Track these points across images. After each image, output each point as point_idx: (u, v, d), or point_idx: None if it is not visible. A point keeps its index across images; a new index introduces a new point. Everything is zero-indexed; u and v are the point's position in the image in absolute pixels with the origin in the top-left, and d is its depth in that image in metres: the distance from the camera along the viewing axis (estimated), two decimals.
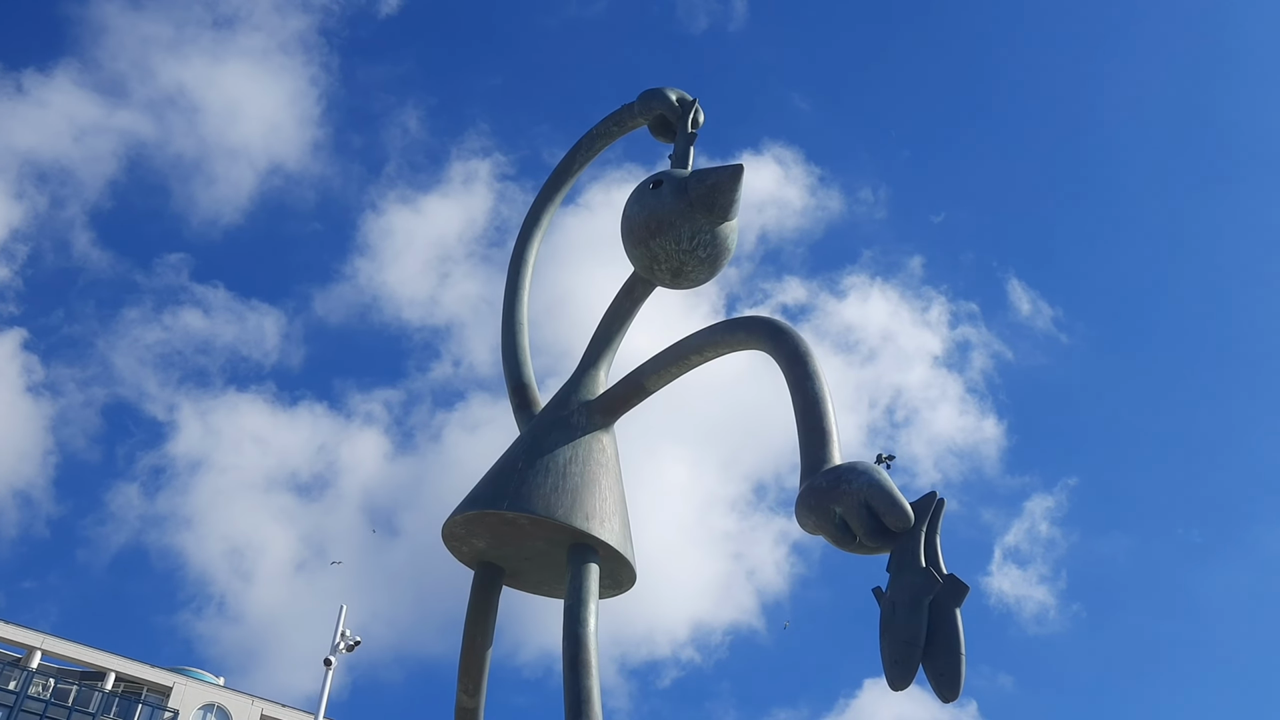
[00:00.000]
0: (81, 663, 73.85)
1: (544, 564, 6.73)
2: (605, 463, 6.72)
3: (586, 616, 6.02)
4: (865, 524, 4.81)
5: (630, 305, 7.41)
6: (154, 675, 75.02)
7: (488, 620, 6.75)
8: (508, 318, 8.13)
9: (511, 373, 7.79)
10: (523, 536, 6.56)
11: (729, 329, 6.59)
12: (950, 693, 4.47)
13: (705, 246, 6.77)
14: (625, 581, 6.80)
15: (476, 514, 6.56)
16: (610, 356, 7.33)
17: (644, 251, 6.85)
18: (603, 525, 6.41)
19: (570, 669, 5.79)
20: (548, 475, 6.48)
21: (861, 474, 4.89)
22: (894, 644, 4.63)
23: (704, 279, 7.01)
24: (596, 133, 8.59)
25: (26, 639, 72.54)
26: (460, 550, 6.81)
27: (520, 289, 8.27)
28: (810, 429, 5.52)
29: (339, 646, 32.28)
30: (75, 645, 74.32)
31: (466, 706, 6.70)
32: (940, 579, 4.66)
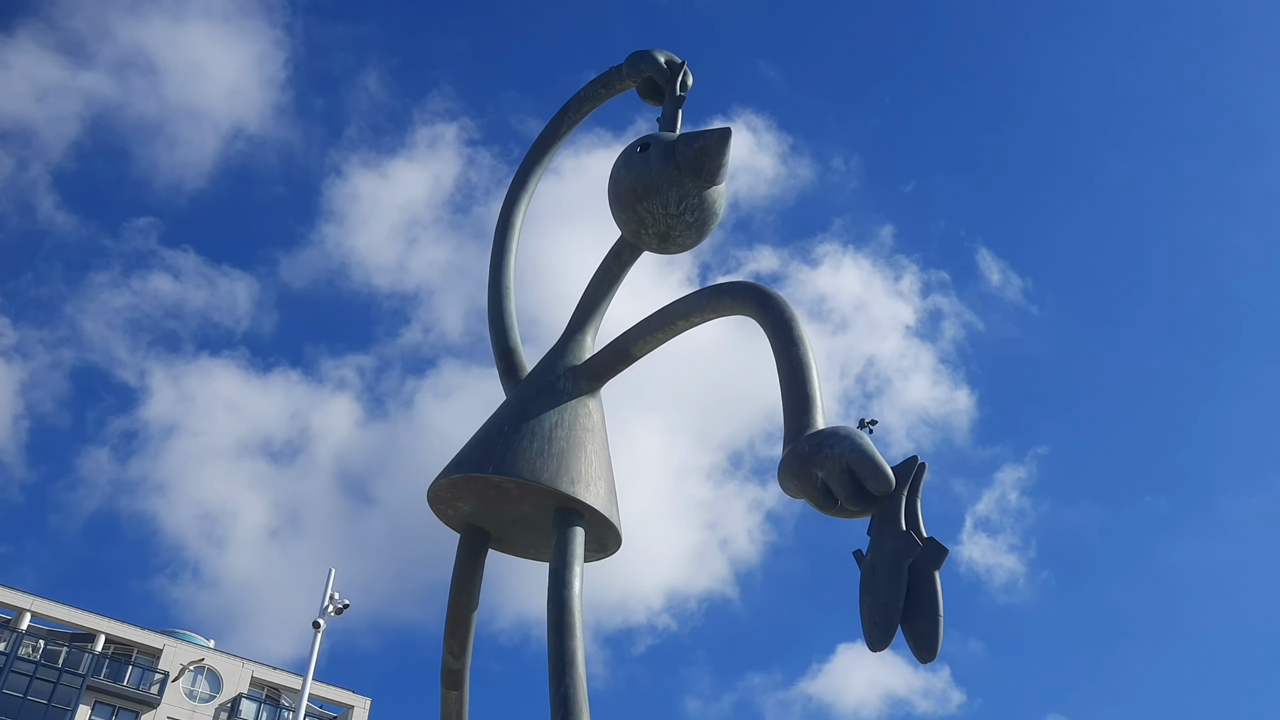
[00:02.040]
0: (71, 625, 74.08)
1: (530, 528, 6.77)
2: (591, 428, 6.74)
3: (571, 579, 6.06)
4: (847, 488, 4.84)
5: (617, 270, 7.40)
6: (143, 637, 75.34)
7: (473, 584, 6.79)
8: (494, 283, 8.10)
9: (498, 338, 7.78)
10: (508, 500, 6.59)
11: (715, 294, 6.59)
12: (928, 654, 4.53)
13: (693, 211, 6.74)
14: (610, 545, 6.84)
15: (462, 478, 6.58)
16: (597, 322, 7.33)
17: (631, 215, 6.83)
18: (588, 489, 6.44)
19: (554, 631, 5.84)
20: (533, 440, 6.50)
21: (844, 439, 4.93)
22: (873, 606, 4.69)
23: (691, 243, 6.99)
24: (584, 95, 8.51)
25: (15, 600, 72.72)
26: (446, 514, 6.84)
27: (506, 254, 8.24)
28: (794, 394, 5.54)
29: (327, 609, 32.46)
30: (64, 607, 74.52)
31: (452, 668, 6.75)
32: (920, 542, 4.71)
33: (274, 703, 76.58)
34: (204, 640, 79.81)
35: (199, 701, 73.86)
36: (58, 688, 69.18)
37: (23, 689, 68.21)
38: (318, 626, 32.31)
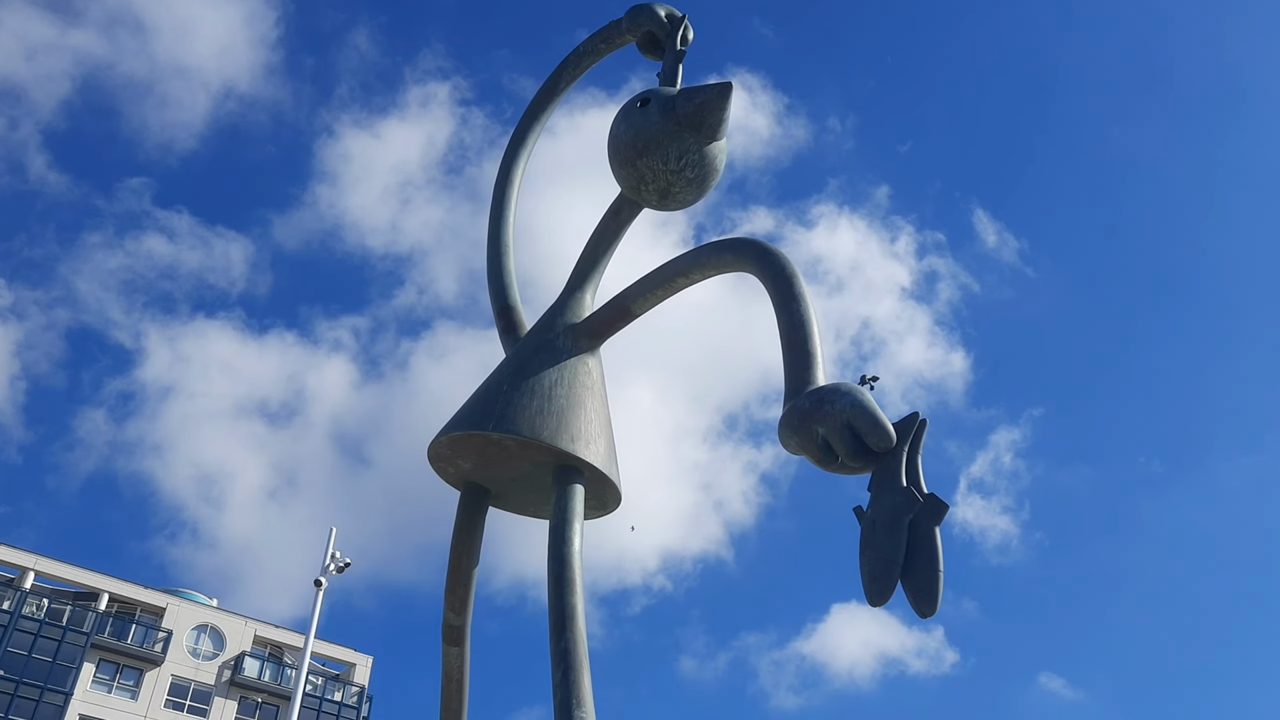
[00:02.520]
0: (74, 584, 74.62)
1: (530, 485, 6.78)
2: (591, 385, 6.72)
3: (571, 536, 6.08)
4: (848, 444, 4.84)
5: (617, 227, 7.35)
6: (147, 596, 75.92)
7: (473, 541, 6.81)
8: (493, 240, 8.06)
9: (497, 295, 7.75)
10: (508, 458, 6.59)
11: (715, 251, 6.55)
12: (928, 608, 4.55)
13: (693, 167, 6.68)
14: (611, 503, 6.85)
15: (462, 435, 6.58)
16: (597, 280, 7.29)
17: (631, 172, 6.77)
18: (588, 447, 6.44)
19: (555, 587, 5.86)
20: (533, 397, 6.49)
21: (844, 395, 4.91)
22: (873, 561, 4.70)
23: (692, 199, 6.93)
24: (583, 50, 8.41)
25: (19, 560, 73.18)
26: (446, 471, 6.85)
27: (505, 211, 8.19)
28: (795, 351, 5.52)
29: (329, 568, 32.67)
30: (68, 566, 75.04)
31: (453, 624, 6.79)
32: (920, 498, 4.71)
33: (277, 660, 77.35)
34: (207, 599, 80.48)
35: (203, 659, 74.60)
36: (62, 646, 69.84)
37: (27, 647, 68.86)
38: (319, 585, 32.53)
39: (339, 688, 78.15)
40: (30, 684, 67.63)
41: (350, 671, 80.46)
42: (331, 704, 76.68)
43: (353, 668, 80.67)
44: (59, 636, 70.17)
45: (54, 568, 74.44)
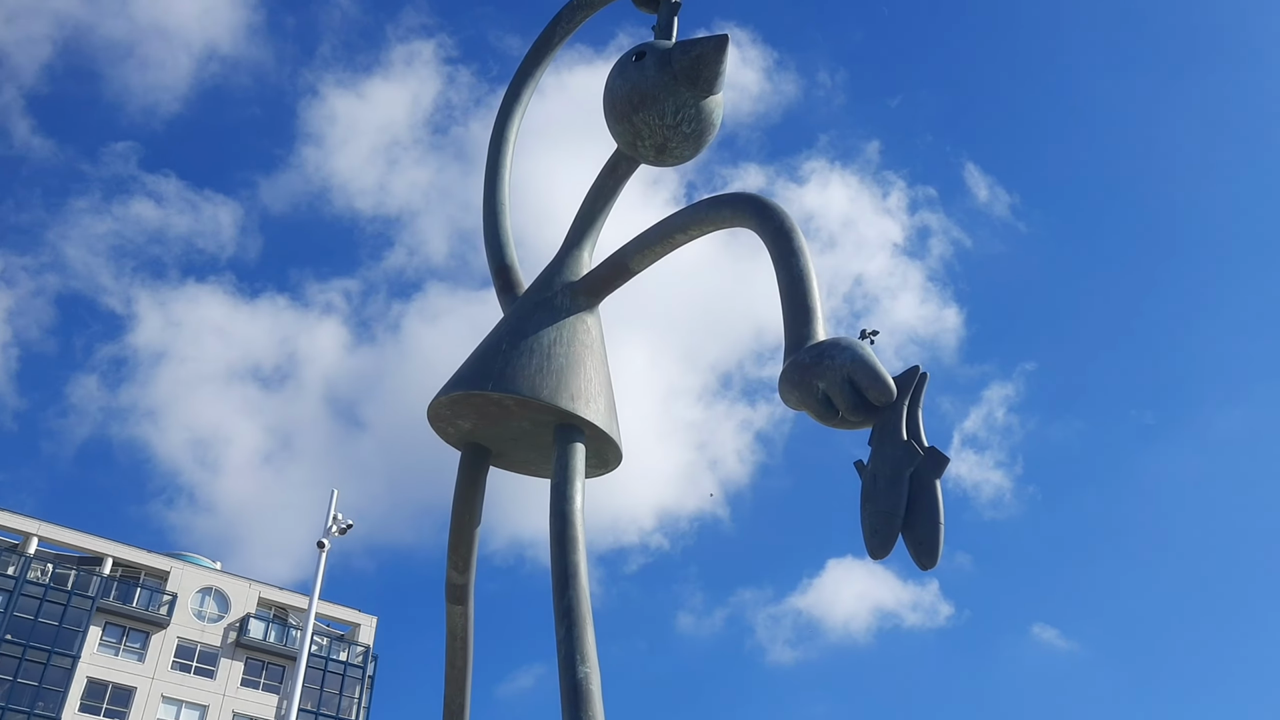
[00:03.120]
0: (78, 548, 75.06)
1: (530, 444, 6.79)
2: (590, 344, 6.71)
3: (573, 494, 6.09)
4: (848, 399, 4.83)
5: (614, 183, 7.29)
6: (151, 560, 76.41)
7: (475, 500, 6.83)
8: (489, 199, 8.00)
9: (494, 255, 7.71)
10: (508, 417, 6.60)
11: (713, 206, 6.50)
12: (929, 560, 4.57)
13: (690, 121, 6.62)
14: (611, 461, 6.87)
15: (462, 395, 6.58)
16: (594, 237, 7.25)
17: (627, 127, 6.70)
18: (588, 405, 6.44)
19: (557, 545, 5.89)
20: (532, 356, 6.48)
21: (845, 349, 4.90)
22: (874, 515, 4.71)
23: (689, 155, 6.87)
24: (576, 3, 8.30)
25: (22, 525, 73.57)
26: (446, 431, 6.85)
27: (501, 169, 8.12)
28: (794, 305, 5.50)
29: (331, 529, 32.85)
30: (71, 531, 75.45)
31: (457, 583, 6.83)
32: (921, 451, 4.72)
33: (281, 622, 78.03)
34: (210, 562, 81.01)
35: (208, 622, 75.25)
36: (68, 610, 70.41)
37: (33, 612, 69.41)
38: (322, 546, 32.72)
39: (344, 648, 78.91)
40: (38, 648, 68.26)
41: (355, 632, 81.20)
42: (337, 664, 77.48)
43: (357, 628, 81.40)
44: (64, 601, 70.71)
45: (57, 533, 74.83)
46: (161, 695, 71.13)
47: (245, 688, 74.29)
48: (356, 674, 78.28)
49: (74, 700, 68.02)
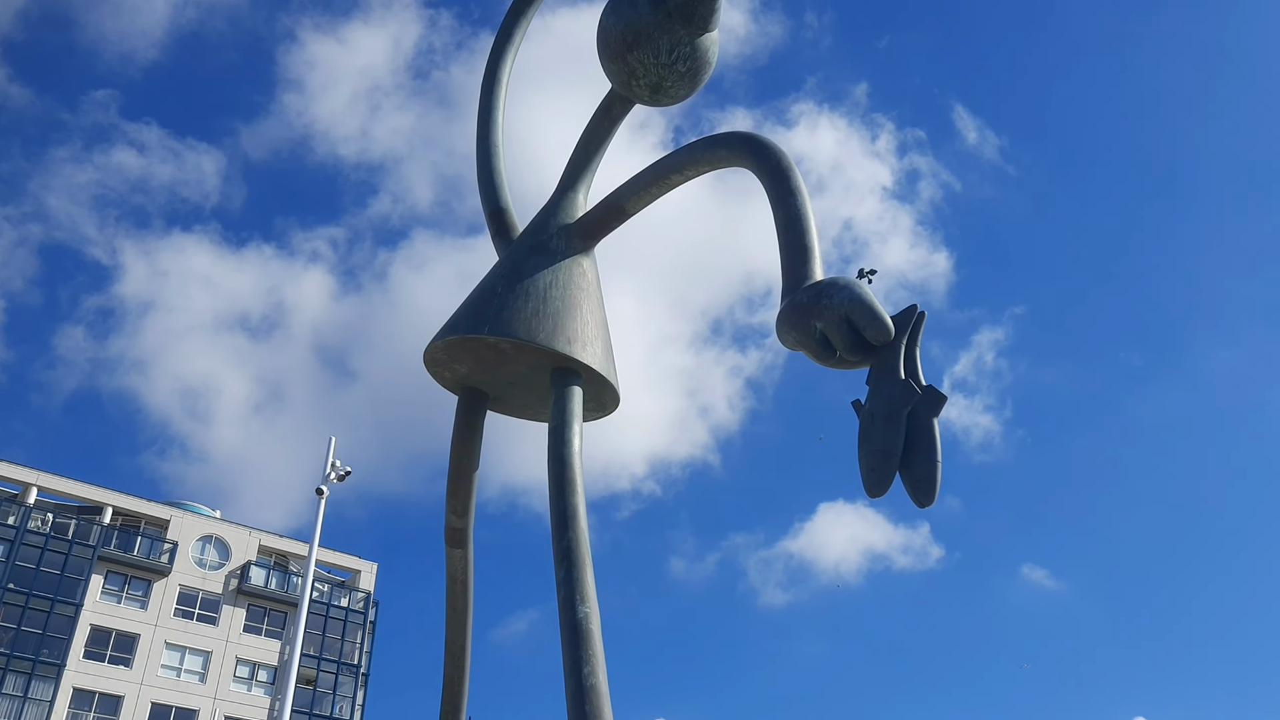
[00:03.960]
0: (77, 498, 75.39)
1: (527, 388, 6.78)
2: (586, 287, 6.68)
3: (571, 438, 6.10)
4: (846, 338, 4.82)
5: (609, 124, 7.21)
6: (151, 509, 76.80)
7: (473, 444, 6.84)
8: (482, 141, 7.91)
9: (488, 198, 7.64)
10: (505, 362, 6.58)
11: (709, 146, 6.44)
12: (926, 499, 4.58)
13: (685, 60, 6.52)
14: (609, 404, 6.87)
15: (458, 340, 6.55)
16: (589, 179, 7.18)
17: (621, 66, 6.61)
18: (585, 349, 6.42)
19: (556, 488, 5.90)
20: (528, 300, 6.45)
21: (843, 289, 4.88)
22: (872, 454, 4.72)
23: (684, 94, 6.78)
24: None
25: (21, 475, 73.82)
26: (443, 376, 6.84)
27: (494, 110, 8.02)
28: (792, 246, 5.47)
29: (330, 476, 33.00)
30: (70, 481, 75.74)
31: (456, 527, 6.86)
32: (919, 390, 4.71)
33: (282, 569, 78.71)
34: (210, 511, 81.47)
35: (209, 570, 75.88)
36: (69, 559, 70.94)
37: (35, 561, 69.92)
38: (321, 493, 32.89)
39: (345, 594, 79.69)
40: (41, 596, 68.89)
41: (356, 578, 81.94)
42: (339, 609, 78.30)
43: (358, 574, 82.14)
44: (66, 550, 71.19)
45: (56, 483, 75.13)
46: (165, 642, 71.96)
47: (248, 634, 75.14)
48: (358, 619, 79.13)
49: (78, 647, 68.80)
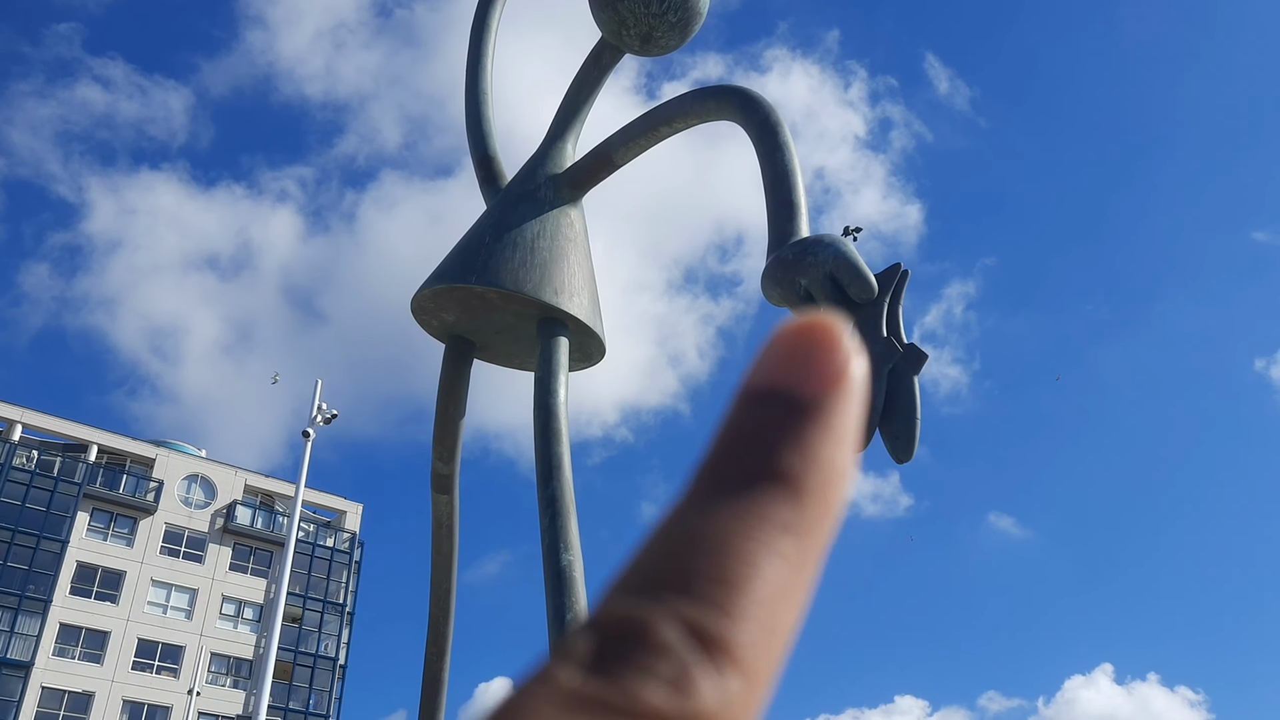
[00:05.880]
0: (63, 435, 75.32)
1: (514, 337, 6.82)
2: (573, 237, 6.69)
3: (557, 388, 6.15)
4: (830, 295, 4.87)
5: (599, 74, 7.17)
6: (136, 448, 76.82)
7: (459, 392, 6.89)
8: (471, 87, 7.86)
9: (477, 145, 7.61)
10: (491, 311, 6.61)
11: (698, 99, 6.43)
12: (905, 454, 4.66)
13: (676, 10, 6.49)
14: (595, 354, 6.92)
15: (445, 288, 6.58)
16: (578, 128, 7.16)
17: (611, 15, 6.56)
18: (571, 299, 6.46)
19: (542, 437, 5.97)
20: (515, 249, 6.46)
21: (827, 246, 4.92)
22: None
23: (675, 44, 6.75)
24: None
25: (6, 413, 73.64)
26: (430, 324, 6.87)
27: (482, 57, 7.96)
28: (778, 202, 5.49)
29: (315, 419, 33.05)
30: (55, 419, 75.59)
31: (442, 473, 6.93)
32: (900, 348, 4.77)
33: (269, 509, 79.07)
34: (196, 450, 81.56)
35: (195, 508, 76.16)
36: (55, 496, 71.07)
37: (20, 498, 70.04)
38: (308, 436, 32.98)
39: (330, 534, 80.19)
40: (26, 532, 69.11)
41: (341, 519, 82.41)
42: (324, 549, 78.84)
43: (343, 515, 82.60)
44: (51, 487, 71.30)
45: (42, 420, 75.00)
46: (151, 579, 72.42)
47: (234, 572, 75.66)
48: (343, 559, 79.74)
49: (64, 583, 69.21)
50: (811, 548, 0.43)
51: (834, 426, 0.45)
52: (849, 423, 0.45)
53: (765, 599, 0.41)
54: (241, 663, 73.84)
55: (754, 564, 0.41)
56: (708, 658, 0.40)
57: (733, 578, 0.41)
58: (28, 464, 71.78)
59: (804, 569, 0.43)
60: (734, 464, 0.44)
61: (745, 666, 0.40)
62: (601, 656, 0.40)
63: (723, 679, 0.40)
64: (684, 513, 0.43)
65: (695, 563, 0.41)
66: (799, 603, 0.43)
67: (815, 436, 0.44)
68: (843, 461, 0.45)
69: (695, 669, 0.39)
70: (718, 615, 0.40)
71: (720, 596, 0.40)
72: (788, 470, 0.43)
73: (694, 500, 0.44)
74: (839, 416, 0.45)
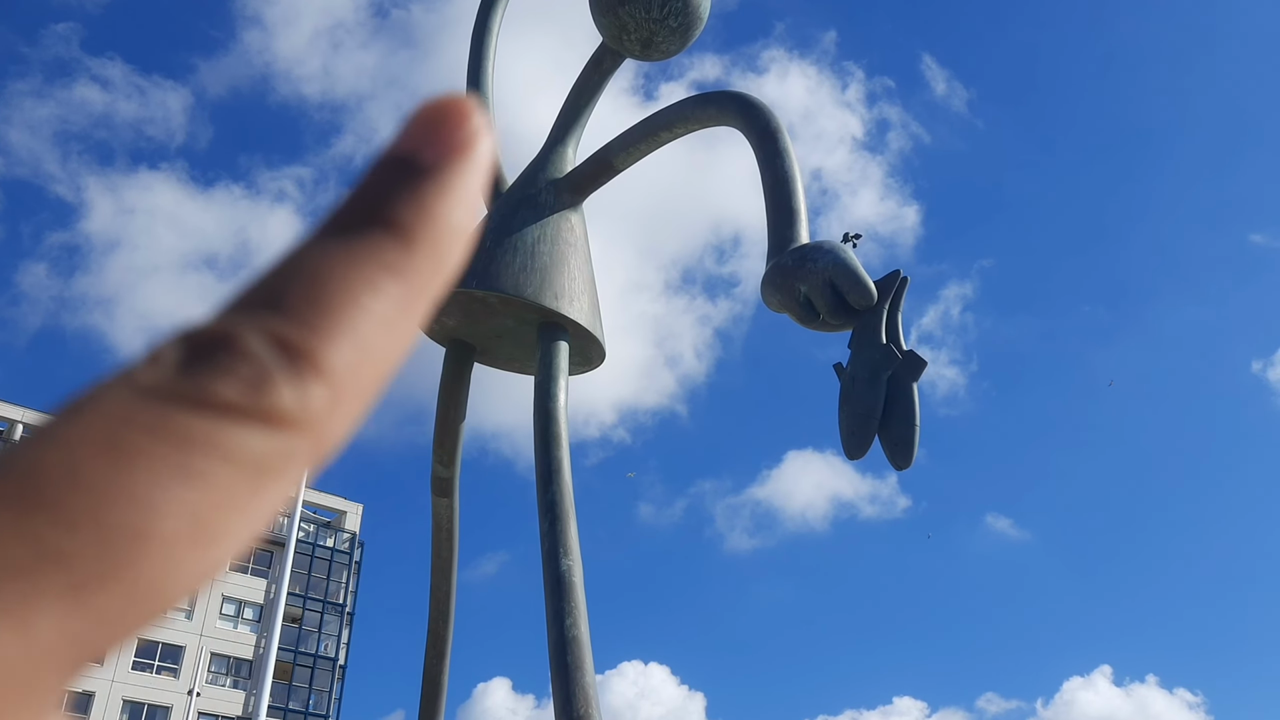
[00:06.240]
0: None
1: (514, 341, 6.84)
2: (574, 242, 6.71)
3: (557, 392, 6.17)
4: (829, 302, 4.88)
5: (599, 78, 7.19)
6: None
7: (460, 395, 6.91)
8: (471, 91, 7.88)
9: None
10: (492, 315, 6.63)
11: (699, 104, 6.44)
12: (904, 461, 4.68)
13: (677, 15, 6.50)
14: (595, 359, 6.93)
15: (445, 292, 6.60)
16: (579, 133, 7.17)
17: (612, 20, 6.58)
18: (571, 304, 6.47)
19: (541, 441, 5.99)
20: (516, 254, 6.48)
21: (827, 253, 4.93)
22: (852, 416, 4.80)
23: (676, 49, 6.77)
24: None
25: (8, 413, 73.76)
26: (431, 329, 6.88)
27: (484, 60, 7.97)
28: (778, 207, 5.50)
29: None
30: None
31: (442, 476, 6.95)
32: (899, 355, 4.78)
33: None
34: None
35: None
36: None
37: None
38: None
39: (330, 534, 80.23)
40: None
41: (341, 519, 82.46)
42: (324, 549, 78.89)
43: (343, 515, 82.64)
44: None
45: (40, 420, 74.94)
46: None
47: (234, 572, 75.70)
48: (343, 560, 79.78)
49: None
50: (416, 292, 0.46)
51: (453, 189, 0.48)
52: (469, 188, 0.49)
53: (361, 327, 0.44)
54: (241, 663, 73.89)
55: (353, 295, 0.44)
56: (291, 366, 0.42)
57: (328, 302, 0.43)
58: None
59: (406, 309, 0.46)
60: (354, 214, 0.47)
61: (332, 382, 0.43)
62: (185, 361, 0.42)
63: (304, 386, 0.42)
64: (297, 251, 0.46)
65: (293, 287, 0.44)
66: (399, 340, 0.46)
67: (433, 195, 0.47)
68: (458, 221, 0.48)
69: (276, 373, 0.41)
70: (306, 331, 0.42)
71: (312, 316, 0.43)
72: (401, 220, 0.46)
73: (309, 241, 0.46)
74: (459, 181, 0.48)
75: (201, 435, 0.40)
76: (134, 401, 0.41)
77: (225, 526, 0.41)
